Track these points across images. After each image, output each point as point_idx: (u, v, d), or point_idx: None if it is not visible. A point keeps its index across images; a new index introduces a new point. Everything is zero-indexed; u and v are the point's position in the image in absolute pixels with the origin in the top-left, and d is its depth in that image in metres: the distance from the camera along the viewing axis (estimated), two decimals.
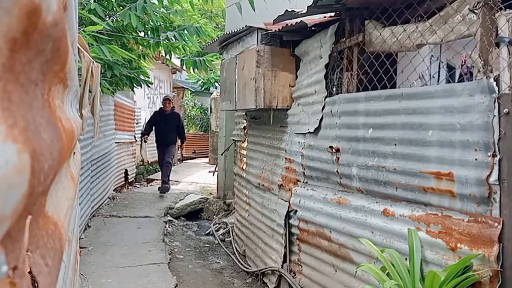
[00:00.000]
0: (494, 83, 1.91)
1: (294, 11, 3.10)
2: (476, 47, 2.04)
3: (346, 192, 2.96)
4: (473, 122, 1.99)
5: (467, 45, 2.19)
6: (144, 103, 11.21)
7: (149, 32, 5.18)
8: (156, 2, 4.94)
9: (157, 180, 9.21)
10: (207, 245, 5.45)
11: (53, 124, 0.66)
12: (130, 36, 4.91)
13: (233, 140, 5.53)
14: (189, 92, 17.14)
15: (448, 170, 2.11)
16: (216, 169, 7.71)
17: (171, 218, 6.58)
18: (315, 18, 3.27)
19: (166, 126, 7.79)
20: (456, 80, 4.03)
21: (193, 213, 7.21)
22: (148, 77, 6.09)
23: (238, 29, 3.97)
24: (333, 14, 3.08)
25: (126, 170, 8.80)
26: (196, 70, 5.89)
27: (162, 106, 8.02)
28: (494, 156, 1.91)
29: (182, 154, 15.45)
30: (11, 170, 0.37)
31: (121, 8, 4.64)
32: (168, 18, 5.08)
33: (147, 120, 8.57)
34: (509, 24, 1.90)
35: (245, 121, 4.89)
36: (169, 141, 7.94)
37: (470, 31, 2.10)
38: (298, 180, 3.54)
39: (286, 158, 3.75)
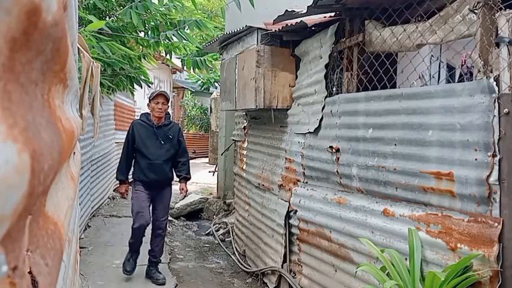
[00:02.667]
0: (494, 83, 1.91)
1: (294, 11, 3.10)
2: (476, 47, 2.04)
3: (346, 192, 2.96)
4: (473, 122, 1.99)
5: (467, 45, 2.19)
6: (144, 103, 11.18)
7: (149, 32, 5.18)
8: (157, 2, 4.94)
9: None
10: (207, 245, 5.45)
11: (53, 124, 0.66)
12: (131, 36, 4.91)
13: (233, 140, 5.53)
14: (189, 92, 17.16)
15: (448, 170, 2.11)
16: (216, 169, 7.71)
17: (171, 218, 6.58)
18: (315, 18, 3.27)
19: (158, 150, 3.98)
20: (456, 80, 4.03)
21: (193, 213, 7.21)
22: (148, 78, 6.09)
23: (238, 29, 3.97)
24: (333, 14, 3.07)
25: None
26: (196, 70, 5.87)
27: (150, 111, 4.08)
28: (494, 156, 1.90)
29: None
30: (11, 170, 0.37)
31: (121, 7, 4.64)
32: (168, 15, 5.08)
33: (123, 147, 4.17)
34: (509, 24, 1.90)
35: (245, 121, 4.89)
36: (164, 180, 4.03)
37: (470, 31, 2.10)
38: (298, 180, 3.54)
39: (286, 158, 3.75)
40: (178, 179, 4.20)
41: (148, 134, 3.99)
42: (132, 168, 4.13)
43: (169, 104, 4.23)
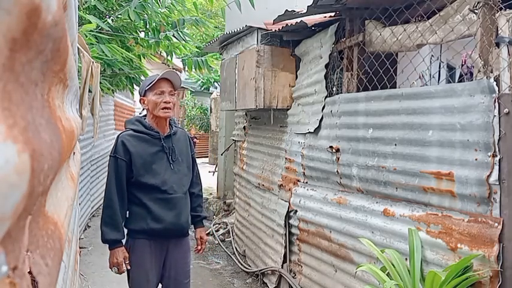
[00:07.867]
0: (494, 83, 1.91)
1: (294, 11, 3.10)
2: (477, 47, 2.04)
3: (346, 192, 2.96)
4: (474, 122, 1.99)
5: (467, 45, 2.19)
6: None
7: (149, 33, 5.18)
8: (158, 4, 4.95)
9: None
10: (207, 245, 5.45)
11: (53, 124, 0.66)
12: (131, 37, 4.91)
13: (233, 140, 5.53)
14: (189, 92, 17.15)
15: (448, 170, 2.11)
16: (216, 169, 7.71)
17: None
18: (315, 18, 3.27)
19: (174, 175, 2.37)
20: (456, 80, 4.02)
21: None
22: None
23: (238, 29, 3.97)
24: (333, 13, 3.07)
25: None
26: (197, 70, 5.87)
27: (147, 110, 2.39)
28: (494, 156, 1.90)
29: None
30: (11, 170, 0.37)
31: (122, 7, 4.65)
32: (168, 16, 5.08)
33: (108, 183, 2.30)
34: (509, 24, 1.90)
35: (245, 121, 4.89)
36: (185, 226, 2.47)
37: (470, 31, 2.10)
38: (298, 180, 3.54)
39: (286, 158, 3.75)
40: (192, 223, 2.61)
41: (154, 151, 2.34)
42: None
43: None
